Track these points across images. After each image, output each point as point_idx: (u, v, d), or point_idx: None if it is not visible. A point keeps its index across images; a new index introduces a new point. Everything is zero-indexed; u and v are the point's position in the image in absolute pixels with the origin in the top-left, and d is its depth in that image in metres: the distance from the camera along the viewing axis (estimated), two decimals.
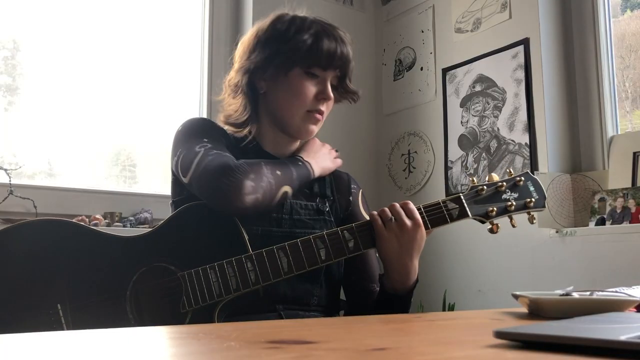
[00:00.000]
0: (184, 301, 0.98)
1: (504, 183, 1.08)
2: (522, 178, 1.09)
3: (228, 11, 2.56)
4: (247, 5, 2.50)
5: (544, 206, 1.10)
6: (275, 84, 1.14)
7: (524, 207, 1.08)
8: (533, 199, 1.08)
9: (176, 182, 1.17)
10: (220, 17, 2.53)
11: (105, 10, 2.30)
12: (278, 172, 1.04)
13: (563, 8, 2.22)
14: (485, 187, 1.07)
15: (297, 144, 1.23)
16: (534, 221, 1.11)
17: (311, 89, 1.12)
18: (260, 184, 1.00)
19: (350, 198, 1.24)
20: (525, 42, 2.18)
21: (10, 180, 1.90)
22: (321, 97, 1.13)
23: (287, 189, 1.05)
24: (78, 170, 2.14)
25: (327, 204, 1.17)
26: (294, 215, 1.11)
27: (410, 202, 1.05)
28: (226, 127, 1.18)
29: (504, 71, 2.26)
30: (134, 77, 2.31)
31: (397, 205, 1.03)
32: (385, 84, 2.81)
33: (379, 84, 2.83)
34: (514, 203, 1.07)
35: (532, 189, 1.09)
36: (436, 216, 1.06)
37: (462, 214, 1.06)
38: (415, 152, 2.61)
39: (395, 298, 1.07)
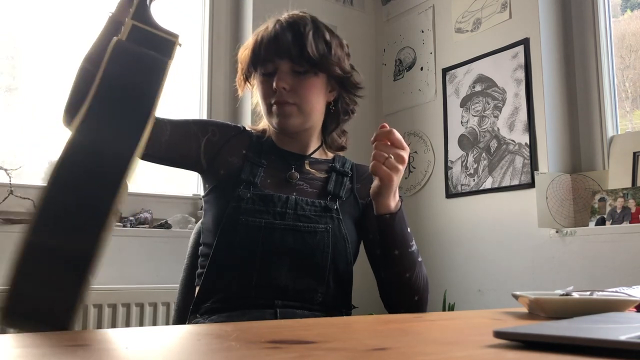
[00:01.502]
0: None
1: None
2: None
3: (228, 11, 2.56)
4: (247, 5, 2.50)
5: None
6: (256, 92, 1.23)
7: None
8: None
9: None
10: (220, 17, 2.54)
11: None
12: None
13: (563, 8, 2.22)
14: None
15: (311, 139, 1.23)
16: None
17: (268, 84, 1.15)
18: None
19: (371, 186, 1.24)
20: (525, 42, 2.18)
21: (10, 180, 1.90)
22: (274, 88, 1.14)
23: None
24: None
25: (336, 203, 1.16)
26: (298, 211, 1.12)
27: (391, 129, 1.06)
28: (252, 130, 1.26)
29: (504, 71, 2.26)
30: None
31: (389, 139, 1.06)
32: (385, 84, 2.81)
33: (379, 84, 2.83)
34: None
35: None
36: None
37: None
38: (415, 152, 2.61)
39: (394, 216, 1.08)
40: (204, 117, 2.46)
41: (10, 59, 2.16)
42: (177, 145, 1.14)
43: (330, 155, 1.28)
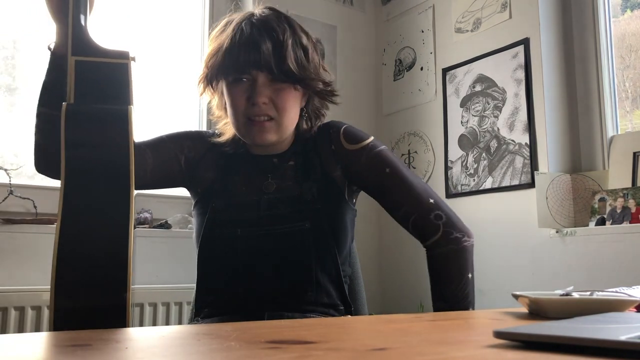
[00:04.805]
0: None
1: None
2: None
3: (228, 11, 2.56)
4: (247, 5, 2.50)
5: None
6: (221, 98, 1.13)
7: None
8: None
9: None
10: (220, 17, 2.53)
11: (104, 11, 2.30)
12: None
13: (563, 8, 2.22)
14: None
15: (284, 141, 1.13)
16: None
17: (241, 94, 1.04)
18: None
19: (333, 147, 1.13)
20: (525, 42, 2.18)
21: (10, 180, 1.90)
22: (251, 101, 1.03)
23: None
24: None
25: (311, 191, 1.08)
26: (273, 212, 1.07)
27: None
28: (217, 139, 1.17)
29: (504, 71, 2.26)
30: (133, 77, 2.31)
31: None
32: (385, 84, 2.81)
33: (379, 84, 2.83)
34: None
35: None
36: None
37: None
38: (415, 152, 2.61)
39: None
40: (204, 116, 2.46)
41: (10, 59, 2.16)
42: (161, 168, 1.12)
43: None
